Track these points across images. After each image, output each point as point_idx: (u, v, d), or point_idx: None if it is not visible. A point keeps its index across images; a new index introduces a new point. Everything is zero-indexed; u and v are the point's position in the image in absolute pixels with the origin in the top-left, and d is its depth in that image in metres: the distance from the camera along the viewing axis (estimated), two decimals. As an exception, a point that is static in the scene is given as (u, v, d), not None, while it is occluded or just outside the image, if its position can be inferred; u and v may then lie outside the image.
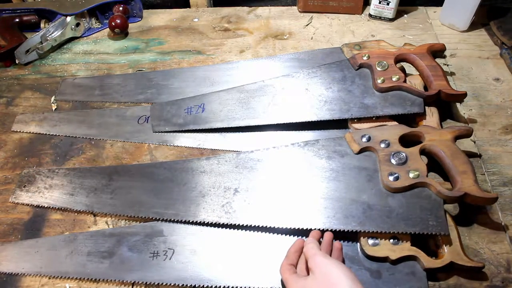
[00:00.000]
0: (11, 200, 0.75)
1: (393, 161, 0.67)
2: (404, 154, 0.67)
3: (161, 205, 0.69)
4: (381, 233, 0.62)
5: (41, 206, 0.74)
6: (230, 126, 0.80)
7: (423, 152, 0.69)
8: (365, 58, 0.80)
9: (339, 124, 0.79)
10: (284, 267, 0.58)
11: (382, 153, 0.68)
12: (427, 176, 0.65)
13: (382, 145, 0.69)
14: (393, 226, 0.62)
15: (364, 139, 0.70)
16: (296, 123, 0.79)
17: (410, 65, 0.83)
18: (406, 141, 0.70)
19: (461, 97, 0.77)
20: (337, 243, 0.62)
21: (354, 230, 0.63)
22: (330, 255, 0.60)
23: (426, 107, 0.77)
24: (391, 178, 0.65)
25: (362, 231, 0.62)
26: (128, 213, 0.70)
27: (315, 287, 0.52)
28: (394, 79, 0.77)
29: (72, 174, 0.76)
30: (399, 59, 0.81)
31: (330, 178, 0.68)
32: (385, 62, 0.78)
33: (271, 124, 0.80)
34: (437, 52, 0.84)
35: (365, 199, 0.65)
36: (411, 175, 0.65)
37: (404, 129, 0.71)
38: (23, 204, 0.75)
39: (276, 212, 0.66)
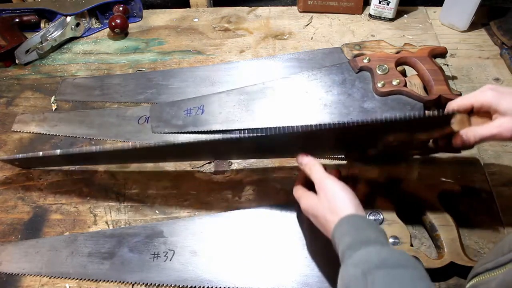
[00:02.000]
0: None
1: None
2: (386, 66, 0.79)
3: None
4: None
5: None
6: (229, 128, 0.80)
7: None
8: (365, 61, 0.80)
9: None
10: (296, 187, 0.61)
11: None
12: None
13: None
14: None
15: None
16: (296, 126, 0.79)
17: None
18: None
19: None
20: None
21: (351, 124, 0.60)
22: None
23: (426, 111, 0.77)
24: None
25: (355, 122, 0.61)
26: None
27: (321, 209, 0.55)
28: (394, 83, 0.77)
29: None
30: (400, 62, 0.81)
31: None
32: (385, 65, 0.78)
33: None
34: (438, 55, 0.84)
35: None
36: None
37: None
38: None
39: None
